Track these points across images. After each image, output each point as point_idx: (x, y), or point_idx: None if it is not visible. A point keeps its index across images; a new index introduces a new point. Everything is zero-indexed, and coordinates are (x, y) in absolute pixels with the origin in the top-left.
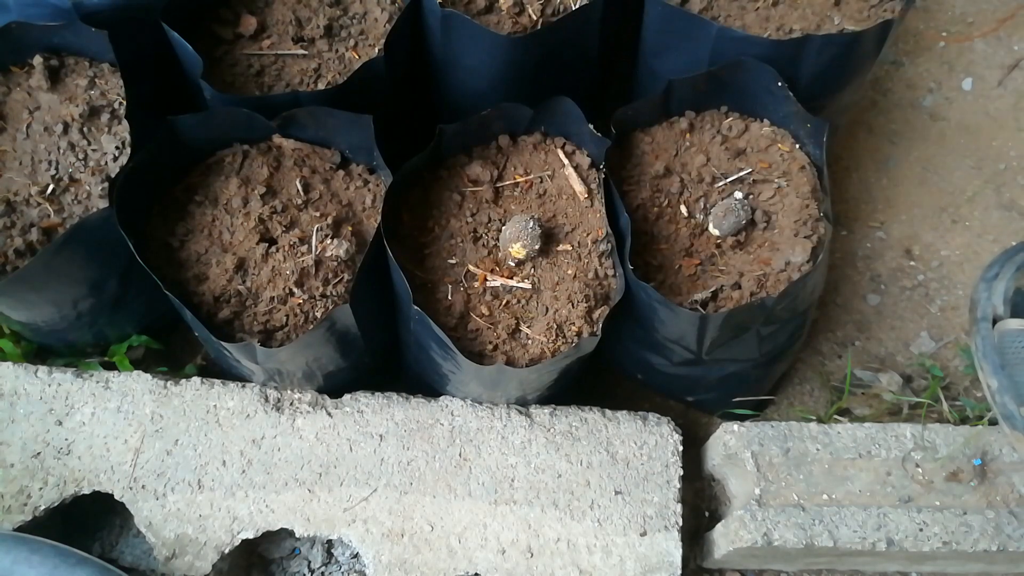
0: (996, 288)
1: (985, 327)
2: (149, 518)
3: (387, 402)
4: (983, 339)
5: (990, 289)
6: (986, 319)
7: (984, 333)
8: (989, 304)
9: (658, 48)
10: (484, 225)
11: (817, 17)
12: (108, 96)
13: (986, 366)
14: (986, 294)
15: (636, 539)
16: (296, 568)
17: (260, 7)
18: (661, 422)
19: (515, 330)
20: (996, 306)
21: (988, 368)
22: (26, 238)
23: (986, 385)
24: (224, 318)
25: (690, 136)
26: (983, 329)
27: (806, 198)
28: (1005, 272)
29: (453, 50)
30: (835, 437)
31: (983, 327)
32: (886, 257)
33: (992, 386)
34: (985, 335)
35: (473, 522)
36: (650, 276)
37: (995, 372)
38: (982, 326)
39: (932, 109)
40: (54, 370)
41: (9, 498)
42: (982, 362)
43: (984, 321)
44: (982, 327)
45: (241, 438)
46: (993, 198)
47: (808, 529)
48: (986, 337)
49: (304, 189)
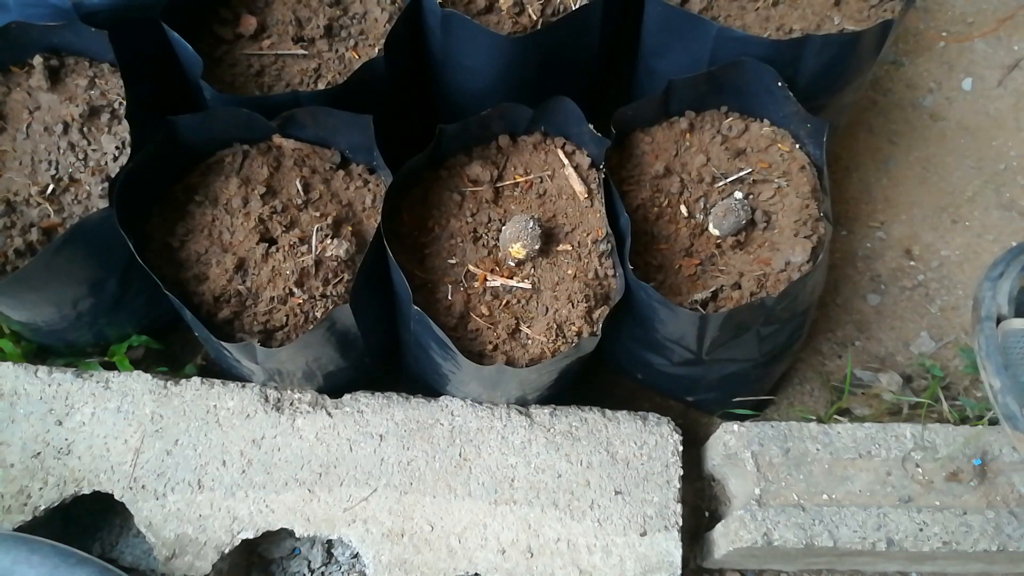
0: (1001, 287)
1: (989, 326)
2: (149, 518)
3: (387, 402)
4: (987, 338)
5: (995, 288)
6: (990, 318)
7: (988, 332)
8: (994, 303)
9: (658, 48)
10: (484, 225)
11: (817, 17)
12: (108, 96)
13: (989, 366)
14: (990, 293)
15: (636, 539)
16: (296, 568)
17: (260, 7)
18: (661, 422)
19: (515, 330)
20: (1000, 305)
21: (991, 368)
22: (26, 238)
23: (988, 385)
24: (224, 318)
25: (690, 136)
26: (987, 328)
27: (806, 198)
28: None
29: (453, 50)
30: (835, 437)
31: (987, 326)
32: (886, 257)
33: (995, 386)
34: (989, 334)
35: (473, 522)
36: (650, 276)
37: (998, 372)
38: (986, 325)
39: (932, 109)
40: (54, 370)
41: (9, 498)
42: (985, 362)
43: (988, 320)
44: (986, 326)
45: (241, 438)
46: (993, 198)
47: (808, 529)
48: (990, 337)
49: (304, 189)
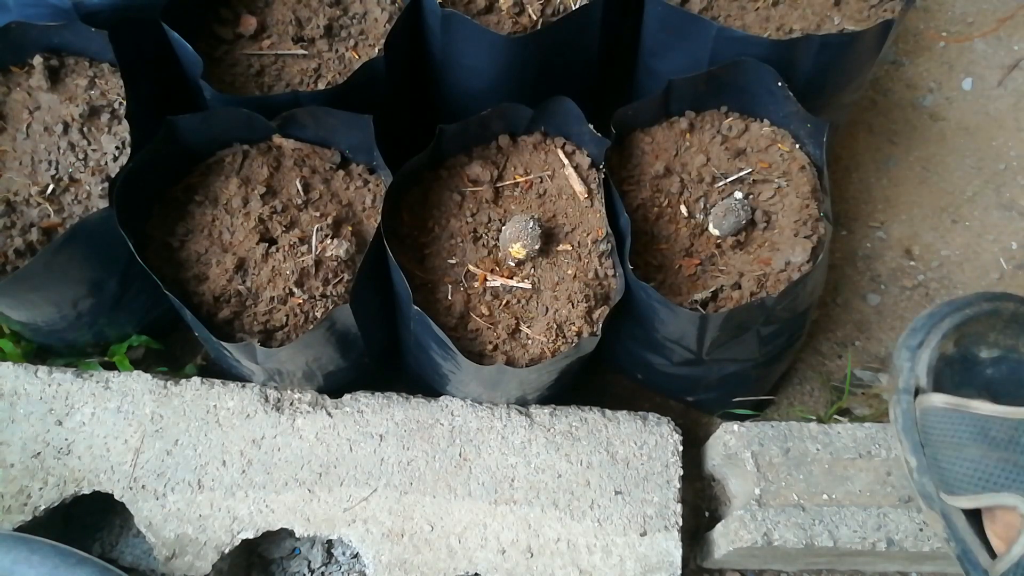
0: (920, 357)
1: (907, 400)
2: (149, 518)
3: (387, 402)
4: (903, 413)
5: (914, 358)
6: (908, 391)
7: (905, 407)
8: (912, 375)
9: (658, 48)
10: (484, 225)
11: (817, 17)
12: (108, 96)
13: (905, 442)
14: (909, 364)
15: (636, 539)
16: (296, 568)
17: (260, 7)
18: (661, 422)
19: (515, 330)
20: (919, 377)
21: (907, 445)
22: (26, 238)
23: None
24: (224, 318)
25: (690, 136)
26: (904, 402)
27: (806, 198)
28: (930, 340)
29: (453, 50)
30: (835, 437)
31: (904, 399)
32: (886, 257)
33: (911, 464)
34: (906, 408)
35: (473, 522)
36: (650, 276)
37: (915, 451)
38: (903, 398)
39: (932, 109)
40: (54, 370)
41: (9, 498)
42: (901, 436)
43: (906, 393)
44: (903, 399)
45: (241, 438)
46: (993, 198)
47: (808, 529)
48: (907, 411)
49: (304, 189)
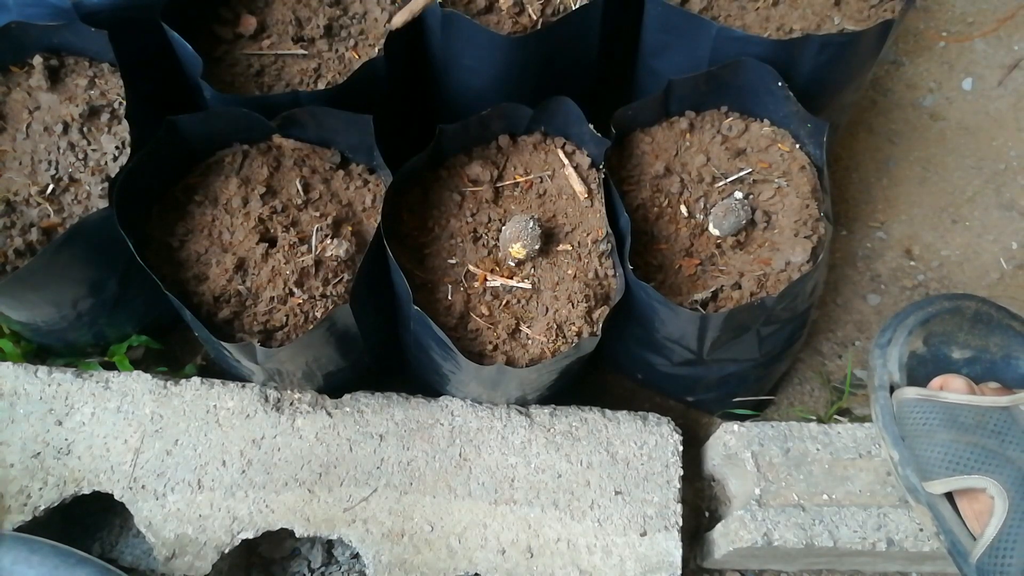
0: (890, 354)
1: (883, 396)
2: (149, 518)
3: (387, 402)
4: (882, 408)
5: (884, 356)
6: (883, 387)
7: (882, 403)
8: (885, 371)
9: (658, 48)
10: (484, 225)
11: (817, 17)
12: (108, 96)
13: (887, 437)
14: (881, 361)
15: (636, 539)
16: (296, 568)
17: (260, 7)
18: (661, 422)
19: (515, 330)
20: (892, 373)
21: (889, 439)
22: (26, 238)
23: (888, 457)
24: (224, 318)
25: (690, 136)
26: (881, 398)
27: (806, 198)
28: (898, 337)
29: (453, 50)
30: (835, 437)
31: (881, 396)
32: (886, 257)
33: (894, 458)
34: (884, 404)
35: (473, 522)
36: (650, 276)
37: (895, 444)
38: (880, 395)
39: (932, 109)
40: (54, 370)
41: (9, 498)
42: (882, 432)
43: (882, 390)
44: (880, 396)
45: (241, 438)
46: (993, 198)
47: (808, 529)
48: (884, 407)
49: (304, 189)
